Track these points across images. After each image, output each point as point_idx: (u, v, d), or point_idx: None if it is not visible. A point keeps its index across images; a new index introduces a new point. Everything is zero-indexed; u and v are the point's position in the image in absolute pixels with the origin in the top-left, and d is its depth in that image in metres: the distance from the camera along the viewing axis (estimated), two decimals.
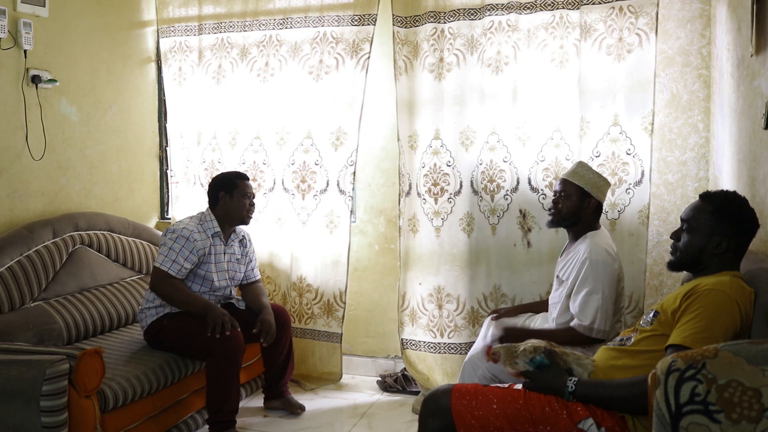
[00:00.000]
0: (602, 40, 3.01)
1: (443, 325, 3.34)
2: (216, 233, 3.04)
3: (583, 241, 2.51)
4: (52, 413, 2.21)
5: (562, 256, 2.63)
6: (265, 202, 3.63)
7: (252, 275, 3.26)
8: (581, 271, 2.43)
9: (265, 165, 3.62)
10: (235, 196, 3.04)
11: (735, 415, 1.23)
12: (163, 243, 2.92)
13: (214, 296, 3.07)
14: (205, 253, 2.98)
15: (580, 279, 2.43)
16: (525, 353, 1.98)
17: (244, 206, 3.06)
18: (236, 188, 3.05)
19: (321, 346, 3.60)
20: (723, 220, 1.86)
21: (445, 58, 3.23)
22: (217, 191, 3.06)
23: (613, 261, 2.44)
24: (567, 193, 2.54)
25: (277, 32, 3.56)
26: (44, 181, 3.20)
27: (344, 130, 3.47)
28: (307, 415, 3.18)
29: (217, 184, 3.08)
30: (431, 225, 3.32)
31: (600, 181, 2.55)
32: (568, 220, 2.55)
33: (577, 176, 2.55)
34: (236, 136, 3.67)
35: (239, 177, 3.11)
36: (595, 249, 2.43)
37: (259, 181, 3.63)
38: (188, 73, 3.77)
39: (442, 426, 1.90)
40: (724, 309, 1.72)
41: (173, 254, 2.88)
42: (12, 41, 2.97)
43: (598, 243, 2.46)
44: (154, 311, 2.93)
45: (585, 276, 2.42)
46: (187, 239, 2.91)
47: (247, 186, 3.10)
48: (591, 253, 2.43)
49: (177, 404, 2.84)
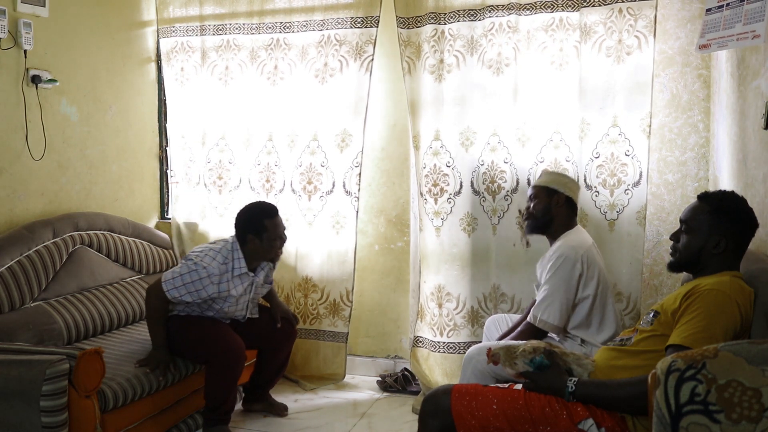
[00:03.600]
0: (602, 41, 3.02)
1: (443, 324, 3.35)
2: (243, 273, 2.84)
3: (557, 242, 2.60)
4: (52, 413, 2.21)
5: (540, 261, 2.70)
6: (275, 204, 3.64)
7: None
8: (549, 268, 2.53)
9: (277, 167, 3.64)
10: (265, 240, 2.81)
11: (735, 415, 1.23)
12: (182, 264, 2.78)
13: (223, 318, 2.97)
14: (220, 296, 2.82)
15: (546, 275, 2.53)
16: (524, 354, 1.98)
17: (274, 248, 2.85)
18: (265, 232, 2.80)
19: (326, 347, 3.61)
20: (721, 220, 1.87)
21: (445, 59, 3.23)
22: (245, 233, 2.82)
23: (575, 258, 2.49)
24: (537, 195, 2.65)
25: (284, 36, 3.57)
26: (44, 181, 3.20)
27: (349, 132, 3.48)
28: (308, 415, 3.18)
29: (245, 225, 2.84)
30: (432, 225, 3.32)
31: (564, 179, 2.65)
32: (540, 219, 2.63)
33: (541, 179, 2.68)
34: (250, 137, 3.68)
35: (268, 215, 2.84)
36: (563, 246, 2.53)
37: (271, 182, 3.65)
38: (191, 74, 3.77)
39: (442, 426, 1.91)
40: (724, 309, 1.72)
41: (179, 281, 2.73)
42: (12, 41, 2.97)
43: (567, 240, 2.56)
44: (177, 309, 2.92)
45: (548, 271, 2.52)
46: (201, 279, 2.73)
47: (278, 225, 2.85)
48: (558, 249, 2.54)
49: (177, 404, 2.84)
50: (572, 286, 2.49)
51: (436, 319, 3.36)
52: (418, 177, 3.33)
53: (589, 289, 2.51)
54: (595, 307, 2.52)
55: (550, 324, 2.49)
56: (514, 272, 3.22)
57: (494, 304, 3.25)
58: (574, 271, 2.48)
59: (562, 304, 2.48)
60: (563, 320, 2.50)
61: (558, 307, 2.48)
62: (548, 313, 2.49)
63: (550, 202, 2.60)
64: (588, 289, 2.51)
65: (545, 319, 2.50)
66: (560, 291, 2.48)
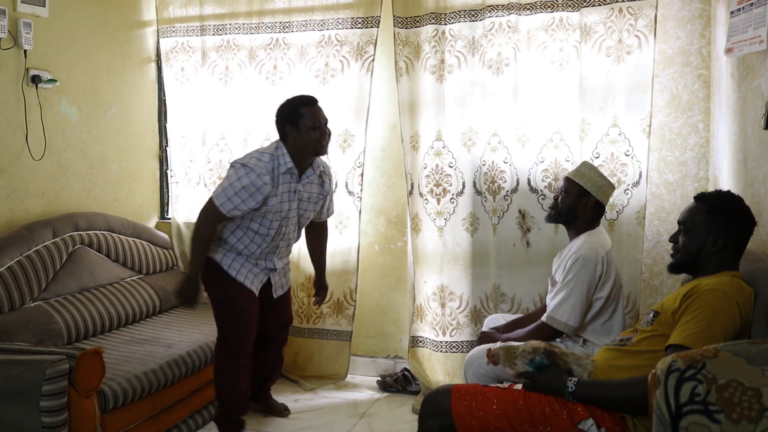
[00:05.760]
0: (602, 41, 3.01)
1: (446, 323, 3.35)
2: (288, 170, 2.67)
3: (578, 239, 2.55)
4: (52, 413, 2.21)
5: (557, 256, 2.65)
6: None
7: (323, 214, 3.00)
8: (567, 268, 2.48)
9: None
10: (302, 128, 2.65)
11: (735, 415, 1.23)
12: (227, 176, 2.64)
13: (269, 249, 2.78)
14: (270, 194, 2.64)
15: (564, 274, 2.49)
16: (524, 354, 1.98)
17: (312, 138, 2.65)
18: (301, 118, 2.65)
19: (329, 346, 3.61)
20: (717, 218, 1.88)
21: (446, 59, 3.23)
22: (283, 126, 2.70)
23: (596, 260, 2.45)
24: (567, 190, 2.56)
25: (284, 35, 3.56)
26: (44, 181, 3.20)
27: (351, 132, 3.48)
28: (308, 415, 3.18)
29: (283, 117, 2.71)
30: (434, 225, 3.32)
31: (602, 181, 2.56)
32: (564, 215, 2.58)
33: (578, 174, 2.57)
34: (250, 137, 3.67)
35: (303, 103, 2.70)
36: (584, 246, 2.48)
37: None
38: (191, 74, 3.77)
39: (442, 426, 1.91)
40: (725, 309, 1.72)
41: (231, 191, 2.58)
42: (12, 41, 2.97)
43: (589, 241, 2.51)
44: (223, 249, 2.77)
45: (568, 271, 2.47)
46: (253, 182, 2.58)
47: (315, 113, 2.68)
48: (579, 250, 2.48)
49: (177, 404, 2.84)
50: (591, 288, 2.46)
51: (439, 319, 3.36)
52: (418, 177, 3.33)
53: (604, 290, 2.48)
54: (605, 309, 2.50)
55: (568, 326, 2.45)
56: (513, 272, 3.22)
57: (495, 304, 3.25)
58: (595, 273, 2.45)
59: (582, 305, 2.45)
60: (580, 322, 2.47)
61: (578, 309, 2.44)
62: (567, 315, 2.44)
63: (578, 202, 2.54)
64: (603, 290, 2.48)
65: (564, 320, 2.45)
66: (580, 293, 2.44)
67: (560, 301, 2.47)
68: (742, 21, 2.22)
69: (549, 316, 2.49)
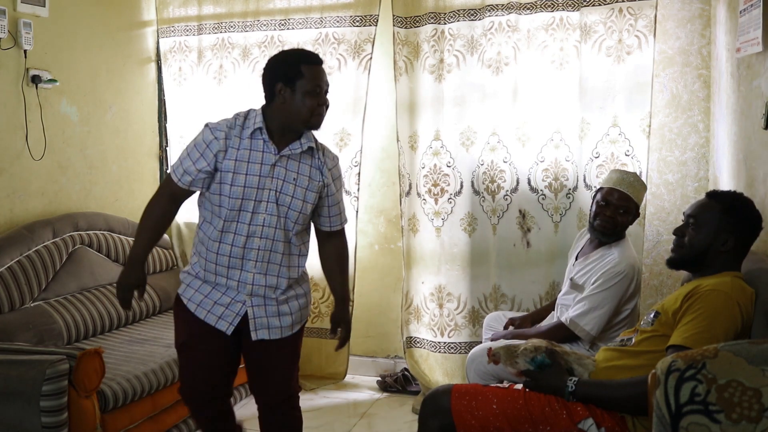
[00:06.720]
0: (602, 41, 3.01)
1: (444, 324, 3.35)
2: (257, 130, 2.04)
3: (611, 249, 2.49)
4: (52, 413, 2.21)
5: (581, 260, 2.59)
6: None
7: (327, 220, 2.30)
8: (603, 279, 2.42)
9: None
10: (298, 90, 2.00)
11: (735, 415, 1.23)
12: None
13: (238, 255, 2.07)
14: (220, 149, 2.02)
15: (599, 284, 2.43)
16: (525, 353, 1.98)
17: (310, 106, 2.01)
18: (300, 78, 1.99)
19: (328, 344, 3.58)
20: (731, 219, 1.86)
21: (445, 59, 3.23)
22: (273, 83, 2.03)
23: (632, 276, 2.44)
24: (627, 210, 2.47)
25: (279, 33, 3.55)
26: (44, 181, 3.20)
27: (348, 131, 3.46)
28: (308, 415, 3.16)
29: (275, 70, 2.04)
30: (431, 225, 3.32)
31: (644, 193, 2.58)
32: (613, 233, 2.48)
33: (634, 193, 2.49)
34: None
35: (306, 59, 2.03)
36: (624, 262, 2.43)
37: None
38: (188, 74, 3.76)
39: (442, 426, 1.90)
40: (726, 309, 1.72)
41: (183, 153, 2.07)
42: (12, 41, 2.97)
43: (627, 256, 2.46)
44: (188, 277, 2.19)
45: (604, 282, 2.41)
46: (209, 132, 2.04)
47: (318, 76, 2.02)
48: (618, 265, 2.42)
49: (177, 404, 2.83)
50: (621, 301, 2.45)
51: (437, 320, 3.36)
52: (416, 177, 3.33)
53: (631, 303, 2.49)
54: (625, 320, 2.50)
55: (590, 335, 2.43)
56: (514, 272, 3.22)
57: (494, 305, 3.25)
58: (628, 289, 2.44)
59: (608, 317, 2.43)
60: (600, 332, 2.46)
61: (603, 321, 2.42)
62: (591, 325, 2.42)
63: (633, 220, 2.51)
64: (630, 303, 2.48)
65: (587, 329, 2.42)
66: (610, 307, 2.42)
67: (588, 309, 2.43)
68: (746, 22, 2.23)
69: (572, 321, 2.45)
